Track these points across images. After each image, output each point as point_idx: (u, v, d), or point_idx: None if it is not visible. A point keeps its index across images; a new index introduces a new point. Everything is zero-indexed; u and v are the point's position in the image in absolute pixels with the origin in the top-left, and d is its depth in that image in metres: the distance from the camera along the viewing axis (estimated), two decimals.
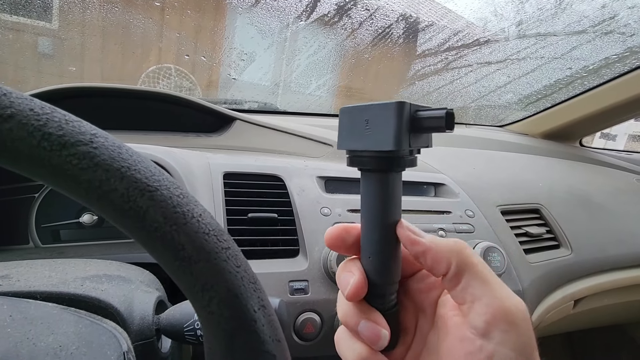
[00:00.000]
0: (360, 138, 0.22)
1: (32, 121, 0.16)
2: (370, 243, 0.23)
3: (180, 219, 0.19)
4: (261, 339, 0.20)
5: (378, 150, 0.21)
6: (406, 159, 0.22)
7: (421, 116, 0.21)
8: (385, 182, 0.22)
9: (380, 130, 0.21)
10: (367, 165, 0.22)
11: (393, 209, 0.23)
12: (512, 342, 0.20)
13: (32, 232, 0.58)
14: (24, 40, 1.08)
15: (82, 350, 0.24)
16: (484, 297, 0.21)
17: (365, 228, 0.23)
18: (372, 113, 0.21)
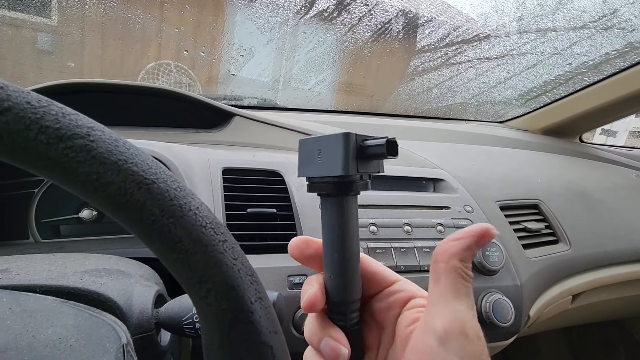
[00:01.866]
0: (314, 166, 0.24)
1: (29, 114, 0.17)
2: (330, 263, 0.25)
3: (177, 211, 0.19)
4: (258, 330, 0.20)
5: (329, 175, 0.23)
6: (358, 184, 0.24)
7: (365, 144, 0.23)
8: (341, 205, 0.24)
9: (331, 159, 0.23)
10: (323, 190, 0.24)
11: (350, 231, 0.24)
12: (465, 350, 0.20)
13: (31, 227, 0.58)
14: (23, 36, 1.08)
15: (81, 343, 0.24)
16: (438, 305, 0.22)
17: (325, 248, 0.25)
18: (323, 144, 0.24)
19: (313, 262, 0.26)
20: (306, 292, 0.24)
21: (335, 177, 0.23)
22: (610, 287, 0.81)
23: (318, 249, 0.26)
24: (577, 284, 0.74)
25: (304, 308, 0.24)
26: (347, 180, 0.24)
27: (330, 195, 0.24)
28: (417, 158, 0.82)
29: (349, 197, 0.24)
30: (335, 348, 0.23)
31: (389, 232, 0.60)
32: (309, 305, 0.24)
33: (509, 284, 0.61)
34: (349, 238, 0.24)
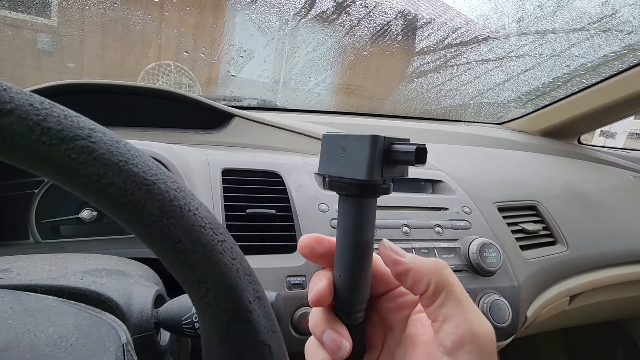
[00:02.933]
0: (337, 165, 0.23)
1: (32, 116, 0.17)
2: (342, 262, 0.24)
3: (176, 212, 0.19)
4: (256, 329, 0.20)
5: (353, 178, 0.22)
6: (380, 187, 0.23)
7: (393, 149, 0.22)
8: (359, 206, 0.24)
9: (355, 160, 0.22)
10: (344, 190, 0.24)
11: (366, 232, 0.24)
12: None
13: (32, 228, 0.59)
14: (23, 36, 1.08)
15: (81, 342, 0.24)
16: (454, 318, 0.21)
17: (338, 247, 0.25)
18: (349, 143, 0.23)
19: (323, 261, 0.26)
20: (314, 287, 0.24)
21: (358, 181, 0.23)
22: (607, 288, 0.81)
23: (329, 247, 0.25)
24: (575, 285, 0.74)
25: (311, 302, 0.24)
26: (370, 184, 0.23)
27: (350, 195, 0.24)
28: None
29: (369, 199, 0.24)
30: (337, 341, 0.23)
31: (387, 232, 0.60)
32: (316, 300, 0.24)
33: (506, 285, 0.61)
34: (364, 240, 0.24)
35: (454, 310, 0.22)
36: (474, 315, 0.21)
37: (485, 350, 0.21)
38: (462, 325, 0.21)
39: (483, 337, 0.21)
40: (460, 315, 0.21)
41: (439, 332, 0.22)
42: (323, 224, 0.57)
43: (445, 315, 0.22)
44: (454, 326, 0.21)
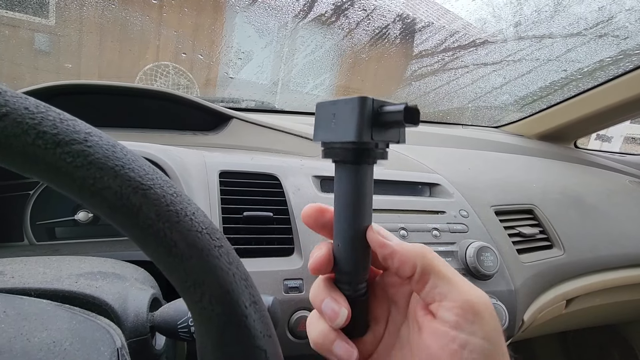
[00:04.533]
0: (329, 130, 0.23)
1: (27, 119, 0.17)
2: (339, 231, 0.25)
3: (173, 216, 0.19)
4: (252, 334, 0.20)
5: (342, 141, 0.23)
6: (374, 152, 0.23)
7: (383, 111, 0.22)
8: (354, 173, 0.24)
9: (344, 123, 0.22)
10: (338, 156, 0.24)
11: (361, 201, 0.24)
12: (480, 331, 0.21)
13: (26, 230, 0.58)
14: (20, 36, 1.08)
15: (75, 346, 0.24)
16: (449, 294, 0.22)
17: (335, 216, 0.25)
18: (338, 107, 0.23)
19: (325, 231, 0.26)
20: (314, 254, 0.25)
21: (348, 143, 0.22)
22: (604, 292, 0.82)
23: (331, 217, 0.26)
24: (571, 288, 0.75)
25: (310, 269, 0.25)
26: (362, 148, 0.23)
27: (345, 162, 0.24)
28: (413, 162, 0.82)
29: (364, 165, 0.24)
30: (335, 309, 0.24)
31: None
32: (314, 267, 0.24)
33: (503, 288, 0.61)
34: (360, 208, 0.24)
35: (447, 288, 0.22)
36: (467, 288, 0.22)
37: (484, 316, 0.21)
38: (458, 298, 0.22)
39: (481, 305, 0.21)
40: (454, 290, 0.22)
41: (438, 311, 0.22)
42: None
43: (440, 295, 0.22)
44: (451, 301, 0.22)
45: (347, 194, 0.24)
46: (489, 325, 0.21)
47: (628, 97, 0.98)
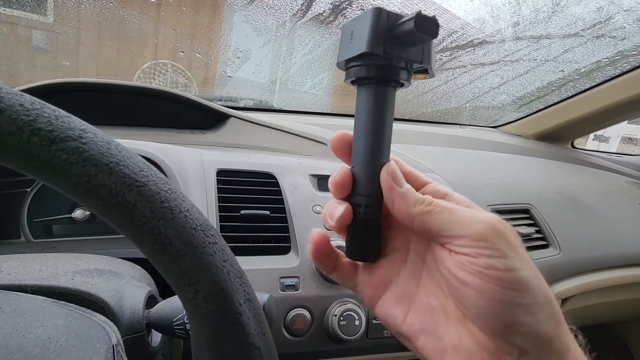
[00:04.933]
0: (346, 49, 0.23)
1: (22, 116, 0.17)
2: (354, 153, 0.25)
3: (167, 213, 0.19)
4: (246, 332, 0.20)
5: (355, 55, 0.22)
6: (390, 69, 0.22)
7: (397, 23, 0.21)
8: (367, 93, 0.23)
9: (359, 37, 0.22)
10: (355, 74, 0.23)
11: (373, 123, 0.23)
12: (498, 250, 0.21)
13: (23, 227, 0.58)
14: (18, 33, 1.08)
15: (71, 343, 0.24)
16: (456, 233, 0.22)
17: (353, 139, 0.25)
18: (356, 23, 0.22)
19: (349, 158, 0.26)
20: (334, 175, 0.25)
21: (360, 56, 0.22)
22: (599, 291, 0.82)
23: None
24: (567, 288, 0.75)
25: (330, 188, 0.25)
26: (376, 63, 0.22)
27: (362, 82, 0.23)
28: (410, 161, 0.83)
29: (379, 86, 0.23)
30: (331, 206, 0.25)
31: None
32: (333, 186, 0.25)
33: None
34: (373, 130, 0.24)
35: (452, 229, 0.22)
36: (471, 220, 0.22)
37: (498, 237, 0.21)
38: (466, 233, 0.21)
39: (490, 230, 0.21)
40: (459, 227, 0.22)
41: (452, 249, 0.22)
42: (317, 225, 0.57)
43: (447, 237, 0.22)
44: (460, 238, 0.22)
45: (362, 116, 0.24)
46: (504, 242, 0.21)
47: (625, 98, 0.98)
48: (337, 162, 0.74)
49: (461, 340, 0.22)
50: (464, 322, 0.22)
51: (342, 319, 0.50)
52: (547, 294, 0.21)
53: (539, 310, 0.20)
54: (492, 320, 0.20)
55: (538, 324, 0.20)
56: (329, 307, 0.51)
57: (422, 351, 0.23)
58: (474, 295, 0.21)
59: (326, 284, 0.52)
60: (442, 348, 0.22)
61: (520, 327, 0.20)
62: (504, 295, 0.20)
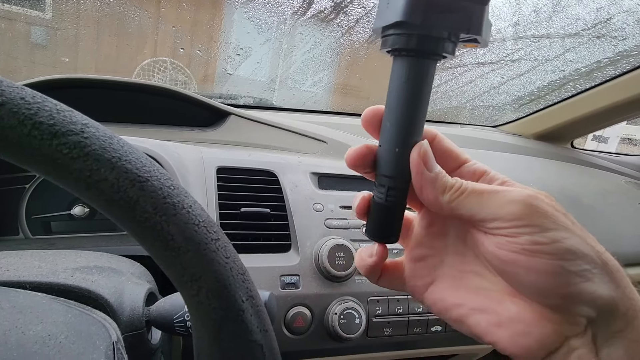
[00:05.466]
0: (383, 14, 0.20)
1: (23, 110, 0.17)
2: (382, 130, 0.23)
3: (170, 209, 0.19)
4: (248, 329, 0.20)
5: (389, 23, 0.19)
6: (430, 40, 0.20)
7: None
8: (407, 66, 0.21)
9: (396, 2, 0.19)
10: (390, 44, 0.21)
11: (408, 100, 0.21)
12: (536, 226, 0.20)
13: (22, 223, 0.58)
14: (16, 29, 1.07)
15: (71, 340, 0.24)
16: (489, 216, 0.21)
17: (383, 116, 0.23)
18: None
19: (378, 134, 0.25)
20: (350, 148, 0.24)
21: (395, 26, 0.19)
22: None
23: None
24: None
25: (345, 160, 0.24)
26: (414, 33, 0.19)
27: (400, 53, 0.21)
28: None
29: (416, 59, 0.20)
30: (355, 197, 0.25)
31: None
32: (347, 159, 0.24)
33: None
34: (405, 106, 0.21)
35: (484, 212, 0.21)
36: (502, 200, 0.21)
37: (535, 212, 0.20)
38: (499, 215, 0.20)
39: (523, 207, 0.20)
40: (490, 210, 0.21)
41: (488, 231, 0.21)
42: (318, 223, 0.57)
43: (481, 221, 0.21)
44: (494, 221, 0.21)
45: (394, 90, 0.21)
46: (542, 217, 0.20)
47: (625, 98, 0.98)
48: (337, 161, 0.74)
49: (519, 312, 0.21)
50: (520, 295, 0.21)
51: (342, 317, 0.49)
52: (603, 257, 0.20)
53: (595, 276, 0.19)
54: (549, 294, 0.20)
55: (599, 290, 0.19)
56: (329, 305, 0.51)
57: (476, 329, 0.22)
58: (523, 272, 0.20)
59: (326, 282, 0.52)
60: (497, 322, 0.21)
61: (581, 296, 0.19)
62: (555, 267, 0.19)
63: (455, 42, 0.21)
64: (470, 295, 0.23)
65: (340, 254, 0.52)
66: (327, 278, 0.52)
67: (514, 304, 0.21)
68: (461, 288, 0.24)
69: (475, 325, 0.22)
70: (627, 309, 0.19)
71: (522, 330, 0.20)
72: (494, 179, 0.24)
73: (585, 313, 0.19)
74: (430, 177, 0.22)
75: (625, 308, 0.19)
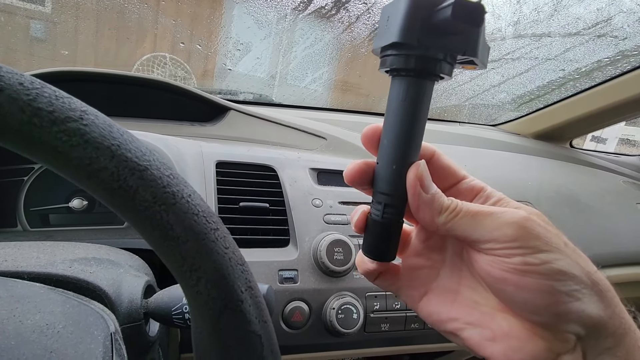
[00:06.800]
0: (381, 36, 0.21)
1: (22, 96, 0.16)
2: (380, 148, 0.23)
3: (169, 198, 0.19)
4: (247, 319, 0.20)
5: (386, 44, 0.20)
6: (426, 61, 0.20)
7: (436, 9, 0.19)
8: (399, 86, 0.21)
9: (393, 23, 0.20)
10: (388, 64, 0.21)
11: (404, 120, 0.22)
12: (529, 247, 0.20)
13: (20, 215, 0.58)
14: (16, 22, 1.06)
15: (69, 330, 0.24)
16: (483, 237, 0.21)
17: (381, 134, 0.23)
18: (392, 7, 0.20)
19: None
20: (350, 164, 0.25)
21: (392, 46, 0.20)
22: None
23: None
24: None
25: (345, 175, 0.25)
26: (410, 54, 0.20)
27: (398, 73, 0.21)
28: None
29: (413, 79, 0.21)
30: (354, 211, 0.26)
31: None
32: (345, 175, 0.24)
33: None
34: (401, 126, 0.22)
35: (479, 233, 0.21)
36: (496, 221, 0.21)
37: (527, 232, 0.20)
38: (493, 237, 0.21)
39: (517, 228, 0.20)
40: (485, 230, 0.21)
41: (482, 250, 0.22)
42: (316, 219, 0.57)
43: (476, 242, 0.22)
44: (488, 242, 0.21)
45: (391, 109, 0.22)
46: (534, 239, 0.20)
47: (625, 98, 0.98)
48: (336, 157, 0.74)
49: (511, 328, 0.21)
50: (513, 312, 0.22)
51: (340, 312, 0.50)
52: (593, 277, 0.20)
53: (585, 296, 0.20)
54: (539, 312, 0.20)
55: (588, 309, 0.20)
56: (327, 300, 0.51)
57: (469, 342, 0.23)
58: (514, 291, 0.21)
59: (325, 277, 0.52)
60: (491, 336, 0.22)
61: (570, 315, 0.19)
62: (545, 286, 0.20)
63: (452, 64, 0.21)
64: (465, 310, 0.24)
65: (339, 249, 0.52)
66: (325, 273, 0.52)
67: (506, 320, 0.22)
68: (456, 302, 0.24)
69: (469, 339, 0.23)
70: (617, 328, 0.20)
71: (515, 345, 0.21)
72: (490, 197, 0.25)
73: (574, 330, 0.20)
74: (427, 199, 0.23)
75: (614, 327, 0.20)
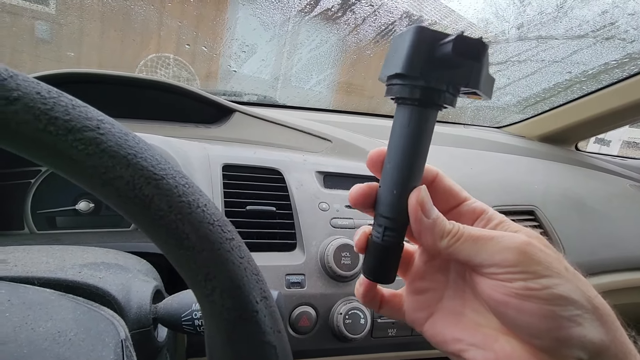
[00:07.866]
0: (389, 64, 0.22)
1: (39, 104, 0.16)
2: (383, 172, 0.24)
3: (185, 208, 0.19)
4: (262, 330, 0.20)
5: (391, 74, 0.21)
6: (428, 91, 0.21)
7: (440, 43, 0.19)
8: (402, 114, 0.22)
9: (399, 55, 0.20)
10: (391, 93, 0.22)
11: (407, 146, 0.22)
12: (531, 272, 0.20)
13: (27, 218, 0.58)
14: (21, 23, 1.06)
15: (80, 337, 0.24)
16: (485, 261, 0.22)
17: (385, 159, 0.24)
18: (400, 40, 0.21)
19: None
20: (354, 186, 0.25)
21: (397, 77, 0.21)
22: (601, 294, 0.82)
23: None
24: None
25: (349, 197, 0.25)
26: (414, 85, 0.21)
27: (404, 101, 0.22)
28: None
29: (417, 107, 0.22)
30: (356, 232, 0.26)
31: None
32: (350, 197, 0.25)
33: None
34: (403, 152, 0.22)
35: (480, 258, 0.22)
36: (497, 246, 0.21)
37: (529, 258, 0.21)
38: (494, 261, 0.21)
39: (518, 253, 0.21)
40: (486, 254, 0.21)
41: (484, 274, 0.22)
42: (323, 222, 0.57)
43: (477, 265, 0.22)
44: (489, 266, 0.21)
45: (395, 135, 0.23)
46: (535, 264, 0.20)
47: (632, 101, 0.98)
48: (342, 160, 0.74)
49: (514, 350, 0.21)
50: (515, 335, 0.22)
51: (347, 317, 0.49)
52: (594, 302, 0.20)
53: (586, 320, 0.20)
54: (541, 336, 0.20)
55: (589, 334, 0.20)
56: (334, 305, 0.51)
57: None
58: (515, 314, 0.21)
59: (332, 282, 0.52)
60: (494, 358, 0.22)
61: (572, 340, 0.20)
62: (546, 311, 0.20)
63: (455, 95, 0.22)
64: (469, 331, 0.24)
65: (346, 254, 0.51)
66: (332, 278, 0.52)
67: (509, 343, 0.22)
68: (460, 323, 0.24)
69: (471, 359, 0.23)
70: (618, 352, 0.20)
71: None
72: (492, 219, 0.25)
73: (576, 355, 0.20)
74: (429, 224, 0.23)
75: (615, 350, 0.20)
